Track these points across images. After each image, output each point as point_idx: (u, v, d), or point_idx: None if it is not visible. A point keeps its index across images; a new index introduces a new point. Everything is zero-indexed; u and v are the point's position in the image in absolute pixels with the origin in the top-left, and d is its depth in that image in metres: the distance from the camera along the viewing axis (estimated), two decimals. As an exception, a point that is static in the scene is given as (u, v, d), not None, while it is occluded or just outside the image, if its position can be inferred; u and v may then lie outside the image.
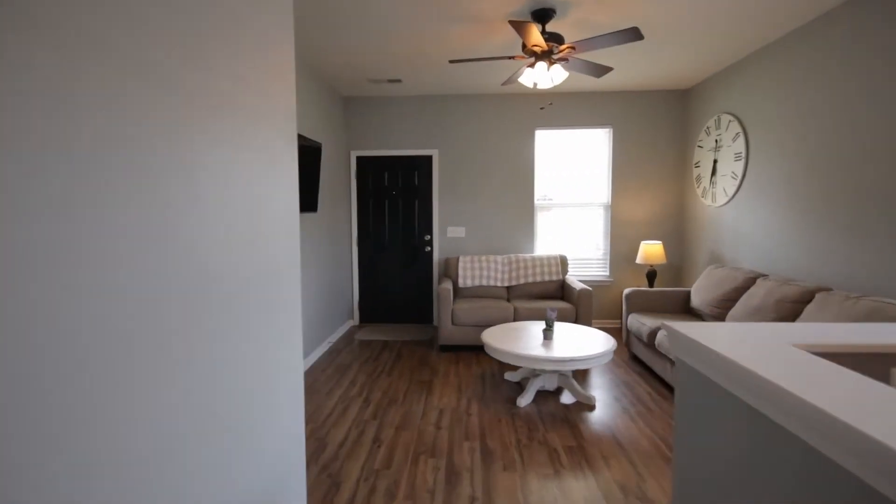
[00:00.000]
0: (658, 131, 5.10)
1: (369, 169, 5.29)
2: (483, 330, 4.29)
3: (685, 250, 5.00)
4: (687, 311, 4.11)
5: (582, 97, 5.08)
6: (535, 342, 3.25)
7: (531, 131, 5.14)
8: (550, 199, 5.21)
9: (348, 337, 4.89)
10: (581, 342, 3.20)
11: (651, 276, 4.86)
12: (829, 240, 3.06)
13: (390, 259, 5.34)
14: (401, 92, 5.04)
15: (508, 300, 4.79)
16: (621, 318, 4.86)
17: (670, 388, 3.45)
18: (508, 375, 3.66)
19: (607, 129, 5.13)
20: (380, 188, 5.29)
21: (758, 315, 3.10)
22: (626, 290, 4.20)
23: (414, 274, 5.34)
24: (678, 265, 5.12)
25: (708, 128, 4.54)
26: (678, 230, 5.14)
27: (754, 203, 3.87)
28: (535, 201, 5.22)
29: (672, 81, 4.74)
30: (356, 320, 5.41)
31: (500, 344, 3.22)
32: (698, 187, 4.75)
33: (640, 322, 3.85)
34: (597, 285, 5.25)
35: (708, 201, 4.56)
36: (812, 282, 3.20)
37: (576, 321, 4.34)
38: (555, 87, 4.91)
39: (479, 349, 4.46)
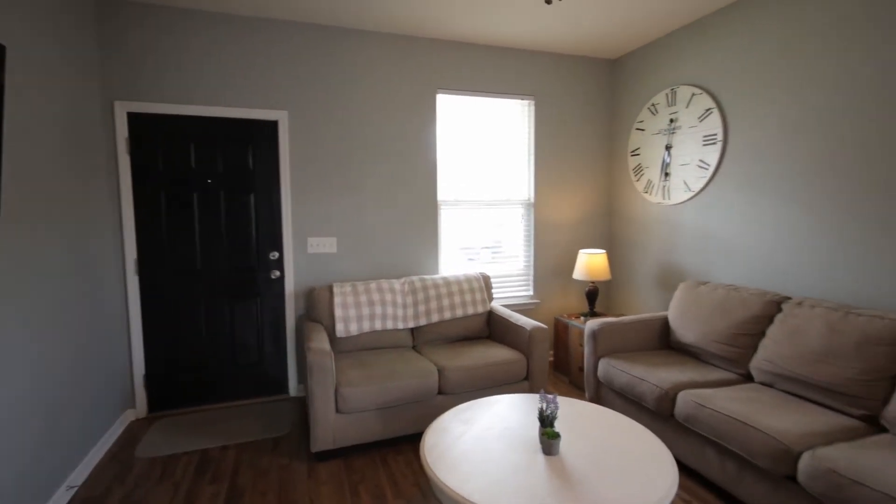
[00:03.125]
0: (587, 109, 4.00)
1: (158, 138, 2.95)
2: (385, 416, 2.50)
3: (622, 261, 4.01)
4: (668, 346, 3.02)
5: (497, 54, 3.67)
6: (523, 468, 1.64)
7: (432, 94, 3.51)
8: (456, 197, 3.67)
9: (123, 449, 2.54)
10: (619, 463, 1.71)
11: (592, 296, 3.72)
12: (856, 245, 2.21)
13: (204, 294, 3.10)
14: (219, 5, 2.88)
15: (416, 349, 3.09)
16: (571, 360, 3.61)
17: (730, 498, 2.22)
18: (463, 515, 1.97)
19: (528, 101, 3.83)
20: (181, 173, 3.00)
21: (834, 364, 2.06)
22: (592, 325, 2.92)
23: (249, 316, 3.21)
24: (610, 280, 4.11)
25: (654, 105, 3.58)
26: (610, 235, 4.14)
27: (735, 199, 2.97)
28: (440, 198, 3.62)
29: (599, 47, 3.67)
30: (141, 409, 3.01)
31: (461, 489, 1.52)
32: (638, 180, 3.78)
33: (629, 375, 2.58)
34: (519, 310, 3.91)
35: (656, 198, 3.60)
36: (855, 301, 2.33)
37: (527, 378, 2.87)
38: (459, 39, 3.39)
39: (386, 445, 2.65)
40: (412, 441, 2.66)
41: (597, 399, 2.92)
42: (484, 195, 3.75)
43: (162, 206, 2.98)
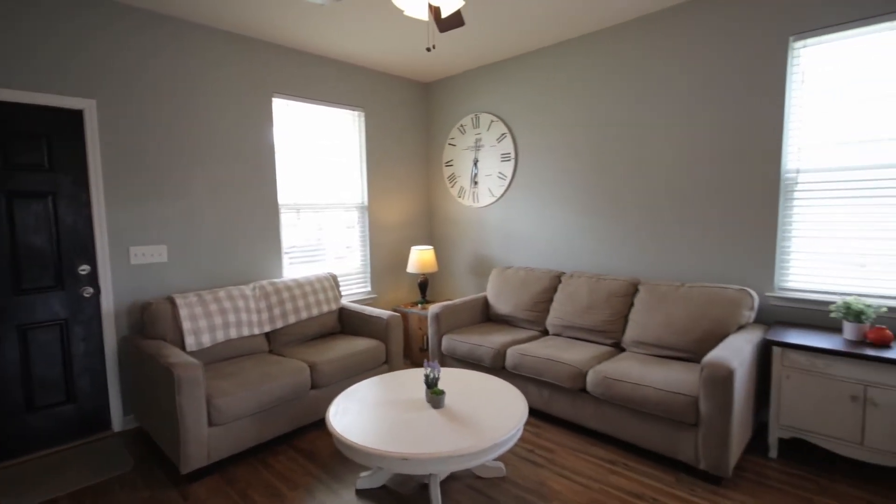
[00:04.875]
0: (410, 123, 4.57)
1: None
2: (261, 420, 2.53)
3: (443, 255, 4.73)
4: (489, 319, 3.81)
5: (330, 65, 3.88)
6: (418, 420, 2.05)
7: (268, 97, 3.50)
8: (296, 200, 3.74)
9: None
10: (488, 404, 2.26)
11: (423, 286, 4.31)
12: (603, 234, 3.41)
13: (-16, 325, 2.42)
14: (-13, -41, 2.29)
15: (274, 352, 3.09)
16: (413, 343, 4.09)
17: (545, 416, 3.02)
18: (363, 482, 2.23)
19: (358, 112, 4.16)
20: (-67, 167, 2.28)
21: (594, 313, 3.10)
22: (435, 309, 3.48)
23: (51, 346, 2.65)
24: (436, 272, 4.79)
25: (462, 125, 4.39)
26: (433, 233, 4.81)
27: (525, 203, 3.97)
28: (280, 201, 3.63)
29: (415, 72, 4.30)
30: None
31: (387, 445, 1.83)
32: (452, 187, 4.55)
33: (469, 343, 3.22)
34: (360, 304, 4.21)
35: (468, 202, 4.42)
36: (599, 272, 3.50)
37: (386, 362, 3.24)
38: (295, 46, 3.49)
39: (261, 449, 2.62)
40: (287, 440, 2.72)
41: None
42: (322, 199, 3.91)
43: None
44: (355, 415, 2.08)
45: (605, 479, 2.23)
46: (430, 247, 4.32)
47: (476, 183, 4.34)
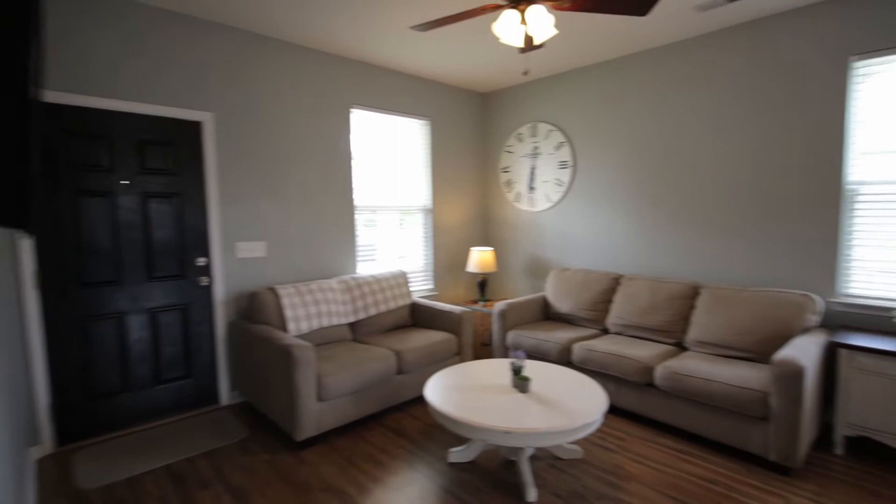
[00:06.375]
0: (469, 132, 4.84)
1: (61, 133, 2.58)
2: (358, 399, 2.82)
3: (499, 256, 4.97)
4: (548, 317, 4.04)
5: (401, 79, 4.19)
6: (509, 402, 2.30)
7: (347, 109, 3.83)
8: (369, 203, 4.06)
9: (58, 487, 2.21)
10: (569, 391, 2.49)
11: (483, 285, 4.57)
12: (659, 240, 3.59)
13: (122, 308, 2.81)
14: (139, -7, 2.68)
15: (358, 341, 3.40)
16: (475, 338, 4.35)
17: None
18: (455, 455, 2.50)
19: (425, 122, 4.46)
20: (89, 173, 2.67)
21: (655, 313, 3.28)
22: (500, 306, 3.72)
23: (176, 328, 3.02)
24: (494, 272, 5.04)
25: (520, 134, 4.62)
26: (489, 235, 5.07)
27: (583, 209, 4.17)
28: (355, 203, 3.95)
29: (474, 83, 4.55)
30: (48, 444, 2.56)
31: (489, 420, 2.09)
32: (509, 192, 4.79)
33: (535, 338, 3.46)
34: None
35: (524, 206, 4.65)
36: (660, 274, 3.68)
37: (458, 353, 3.51)
38: (373, 62, 3.80)
39: (357, 425, 2.92)
40: (377, 418, 3.02)
41: (505, 363, 3.74)
42: (392, 201, 4.22)
43: (69, 211, 2.60)
44: (451, 395, 2.34)
45: (678, 465, 2.43)
46: (491, 248, 4.56)
47: (533, 188, 4.56)
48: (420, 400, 3.35)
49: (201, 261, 3.09)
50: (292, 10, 2.88)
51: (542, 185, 4.48)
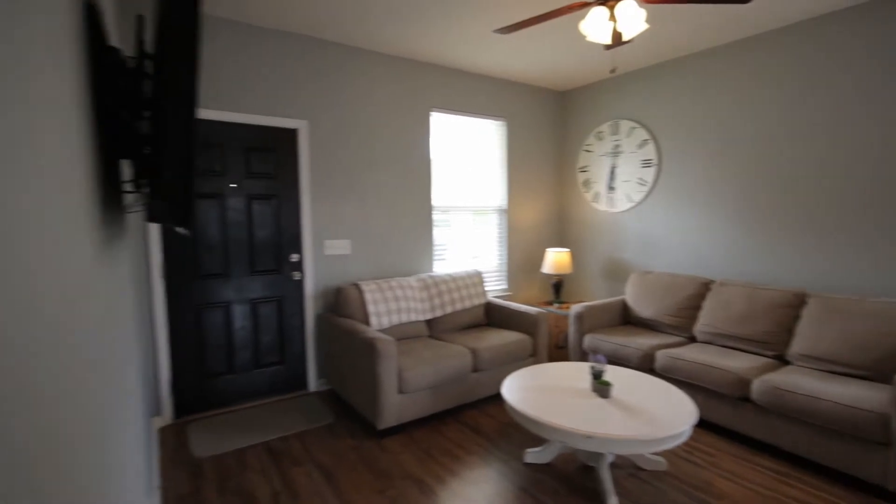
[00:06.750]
0: (546, 131, 4.78)
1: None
2: (435, 394, 2.91)
3: (575, 257, 4.86)
4: (627, 322, 3.88)
5: (478, 80, 4.23)
6: (589, 406, 2.24)
7: (426, 112, 3.95)
8: (446, 203, 4.15)
9: (177, 452, 2.53)
10: (653, 400, 2.39)
11: (558, 287, 4.49)
12: (755, 243, 3.29)
13: (229, 298, 3.13)
14: (247, 16, 2.97)
15: (435, 337, 3.50)
16: (550, 340, 4.30)
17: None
18: (531, 456, 2.50)
19: (502, 122, 4.47)
20: (205, 177, 3.01)
21: (752, 323, 3.04)
22: (577, 309, 3.64)
23: (272, 317, 3.30)
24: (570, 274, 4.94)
25: (600, 132, 4.48)
26: (564, 236, 4.97)
27: (668, 209, 3.95)
28: (433, 204, 4.06)
29: (553, 81, 4.47)
30: (167, 415, 2.94)
31: (571, 422, 2.06)
32: (587, 192, 4.66)
33: (614, 343, 3.34)
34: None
35: (603, 207, 4.50)
36: (756, 280, 3.39)
37: (533, 355, 3.49)
38: (452, 66, 3.88)
39: (434, 419, 3.03)
40: (453, 414, 3.09)
41: (581, 367, 3.65)
42: (467, 202, 4.28)
43: (186, 209, 2.95)
44: (529, 395, 2.34)
45: (777, 488, 2.24)
46: (567, 249, 4.48)
47: (612, 188, 4.41)
48: (494, 399, 3.38)
49: (294, 257, 3.35)
50: (381, 22, 3.03)
51: (622, 184, 4.31)
